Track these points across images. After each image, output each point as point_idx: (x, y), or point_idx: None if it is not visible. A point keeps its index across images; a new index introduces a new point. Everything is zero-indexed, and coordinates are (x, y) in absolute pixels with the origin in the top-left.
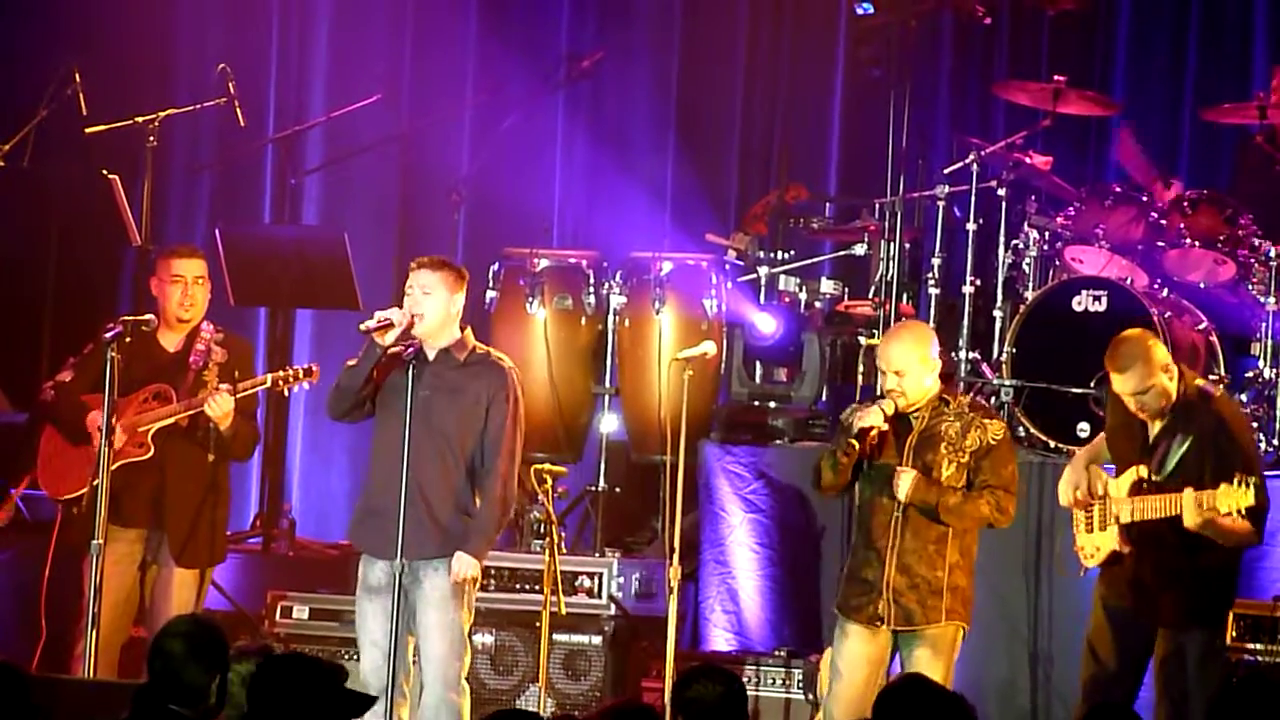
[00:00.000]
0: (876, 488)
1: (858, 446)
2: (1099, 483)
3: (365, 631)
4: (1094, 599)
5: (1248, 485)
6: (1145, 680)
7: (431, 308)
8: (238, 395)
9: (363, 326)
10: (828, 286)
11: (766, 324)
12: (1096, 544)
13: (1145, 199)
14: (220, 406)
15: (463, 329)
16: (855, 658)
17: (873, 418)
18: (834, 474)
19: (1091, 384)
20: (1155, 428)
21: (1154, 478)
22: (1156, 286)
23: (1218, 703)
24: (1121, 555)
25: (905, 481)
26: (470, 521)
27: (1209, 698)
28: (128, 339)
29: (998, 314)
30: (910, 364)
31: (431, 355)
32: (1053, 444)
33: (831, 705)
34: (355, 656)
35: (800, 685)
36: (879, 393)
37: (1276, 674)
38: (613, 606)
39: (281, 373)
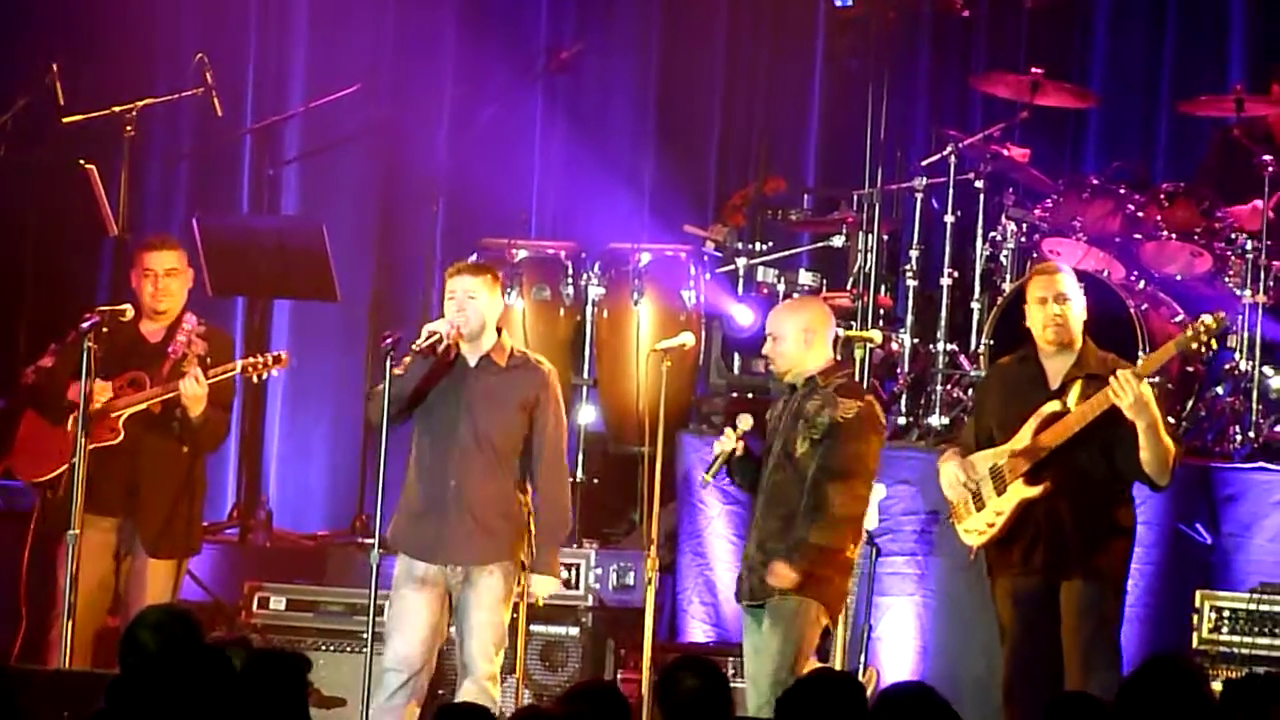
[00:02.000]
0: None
1: (709, 477)
2: (983, 462)
3: (404, 617)
4: (995, 599)
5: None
6: None
7: (476, 313)
8: (209, 381)
9: (416, 346)
10: (806, 278)
11: (744, 316)
12: (990, 516)
13: (1122, 191)
14: (192, 388)
15: (499, 330)
16: (748, 648)
17: (721, 445)
18: (741, 488)
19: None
20: (1059, 375)
21: (1068, 405)
22: (1133, 279)
23: (1127, 686)
24: (1014, 524)
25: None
26: (528, 530)
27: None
28: (105, 329)
29: (975, 306)
30: (784, 330)
31: (473, 361)
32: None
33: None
34: (331, 647)
35: None
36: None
37: (1186, 659)
38: (590, 598)
39: (251, 359)
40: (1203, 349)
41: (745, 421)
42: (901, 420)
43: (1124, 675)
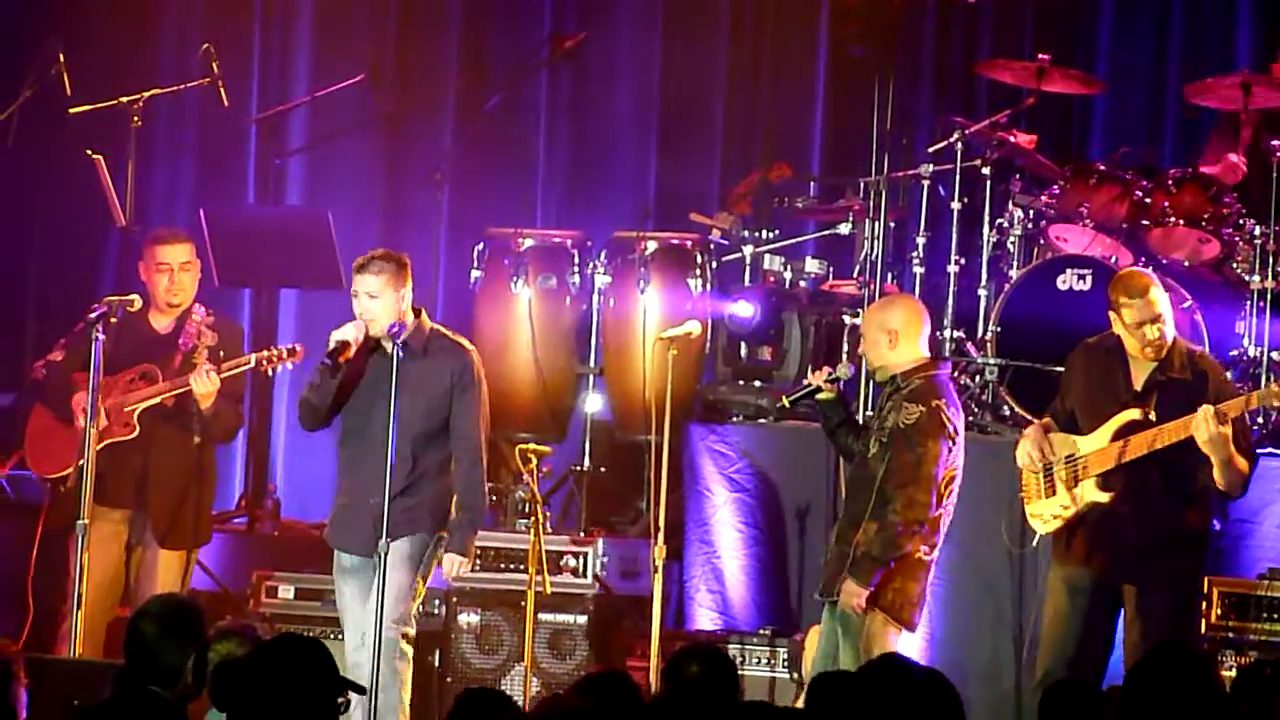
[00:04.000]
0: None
1: (788, 401)
2: (1062, 445)
3: (344, 613)
4: (1048, 587)
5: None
6: None
7: (381, 310)
8: (222, 375)
9: (323, 363)
10: (812, 266)
11: (744, 309)
12: (1056, 507)
13: (1129, 177)
14: (205, 384)
15: (417, 313)
16: (821, 630)
17: (811, 378)
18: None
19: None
20: (1143, 376)
21: (1150, 416)
22: (1140, 265)
23: (1134, 673)
24: (1076, 524)
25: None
26: (451, 516)
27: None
28: (113, 319)
29: (982, 293)
30: (865, 328)
31: (391, 349)
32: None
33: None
34: (338, 636)
35: (785, 664)
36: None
37: (1194, 646)
38: (597, 586)
39: (265, 353)
40: None
41: (843, 370)
42: None
43: None
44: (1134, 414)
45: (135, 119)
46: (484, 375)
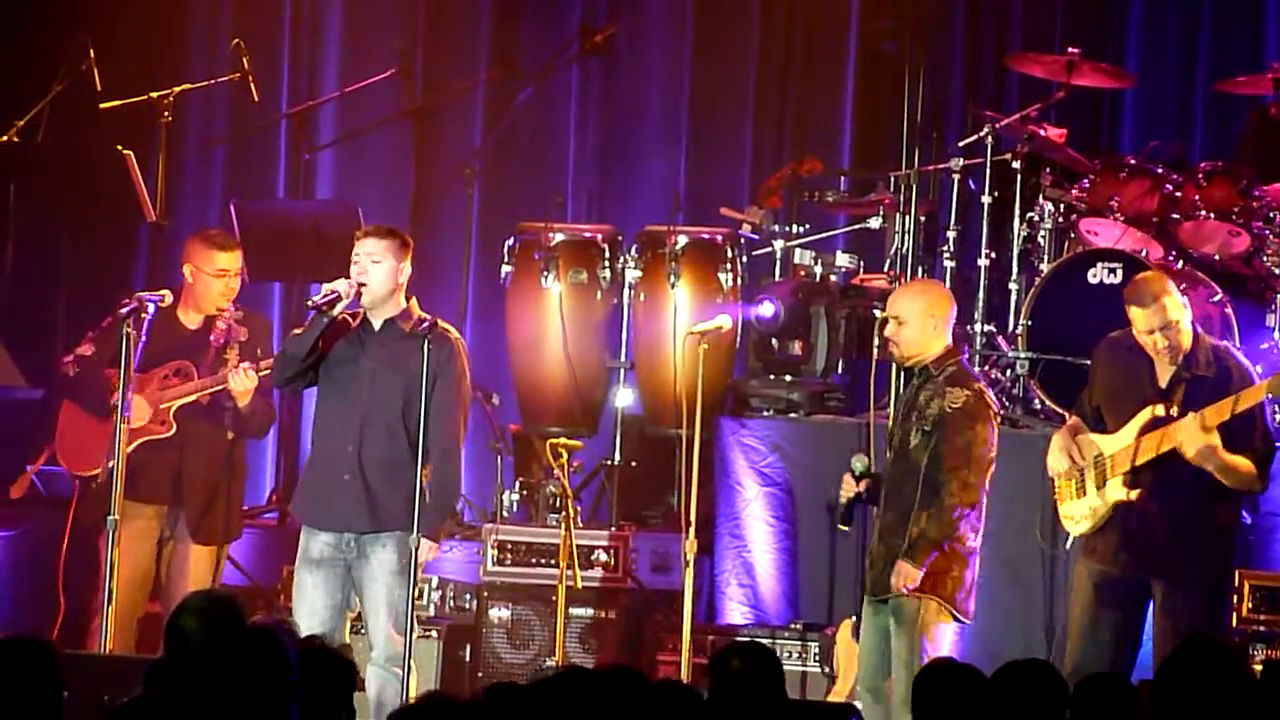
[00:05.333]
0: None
1: (845, 528)
2: (1090, 447)
3: (304, 603)
4: (1075, 582)
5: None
6: None
7: (378, 276)
8: (260, 373)
9: (310, 302)
10: (843, 260)
11: (765, 310)
12: (1086, 509)
13: (1159, 171)
14: (243, 382)
15: (409, 299)
16: (864, 629)
17: (844, 494)
18: None
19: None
20: (1167, 374)
21: (1172, 413)
22: (1171, 258)
23: (1165, 666)
24: (1109, 519)
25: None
26: (422, 500)
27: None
28: (144, 315)
29: (1013, 287)
30: (909, 313)
31: (377, 325)
32: (1068, 416)
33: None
34: (366, 629)
35: (816, 658)
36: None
37: (1224, 639)
38: (628, 580)
39: None
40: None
41: (860, 462)
42: None
43: None
44: (1158, 410)
45: (165, 114)
46: (467, 366)
